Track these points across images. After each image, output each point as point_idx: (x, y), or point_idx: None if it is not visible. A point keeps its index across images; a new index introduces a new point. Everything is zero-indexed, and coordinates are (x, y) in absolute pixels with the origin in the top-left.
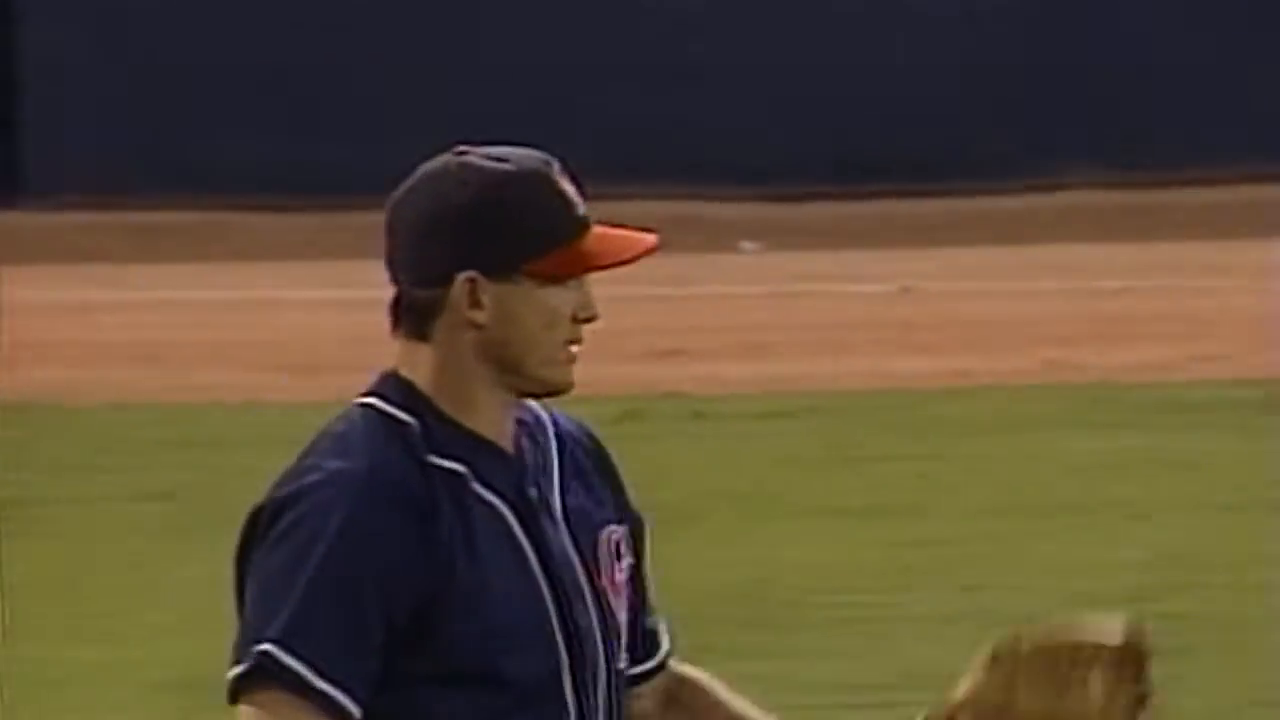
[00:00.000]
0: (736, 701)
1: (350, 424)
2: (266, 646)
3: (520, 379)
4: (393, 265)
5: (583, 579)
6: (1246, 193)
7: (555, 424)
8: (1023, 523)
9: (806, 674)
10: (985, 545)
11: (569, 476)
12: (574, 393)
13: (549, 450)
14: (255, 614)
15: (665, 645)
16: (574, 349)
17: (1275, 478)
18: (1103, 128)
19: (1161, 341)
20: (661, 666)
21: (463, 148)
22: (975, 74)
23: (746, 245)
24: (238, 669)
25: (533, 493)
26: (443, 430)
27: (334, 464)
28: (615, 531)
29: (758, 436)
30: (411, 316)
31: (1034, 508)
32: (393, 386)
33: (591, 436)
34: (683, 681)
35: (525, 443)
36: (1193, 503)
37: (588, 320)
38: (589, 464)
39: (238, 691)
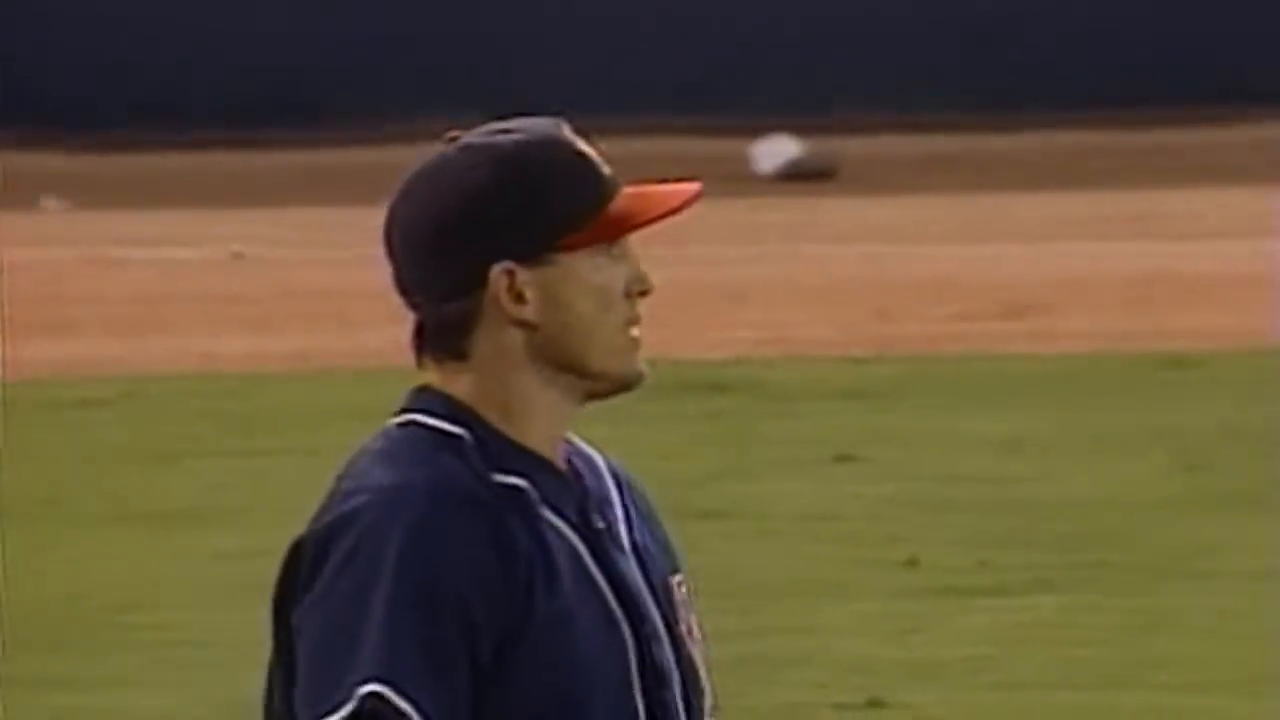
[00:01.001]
0: None
1: (391, 441)
2: (374, 688)
3: (585, 377)
4: (407, 287)
5: (659, 622)
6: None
7: (608, 463)
8: None
9: (122, 707)
10: None
11: (632, 515)
12: None
13: (605, 482)
14: (332, 654)
15: None
16: (635, 331)
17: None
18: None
19: None
20: None
21: (454, 133)
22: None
23: (49, 202)
24: (337, 714)
25: (598, 522)
26: (498, 444)
27: (382, 480)
28: (679, 581)
29: (60, 429)
30: (443, 337)
31: None
32: (431, 400)
33: (639, 483)
34: None
35: (580, 467)
36: None
37: (643, 293)
38: (645, 507)
39: None
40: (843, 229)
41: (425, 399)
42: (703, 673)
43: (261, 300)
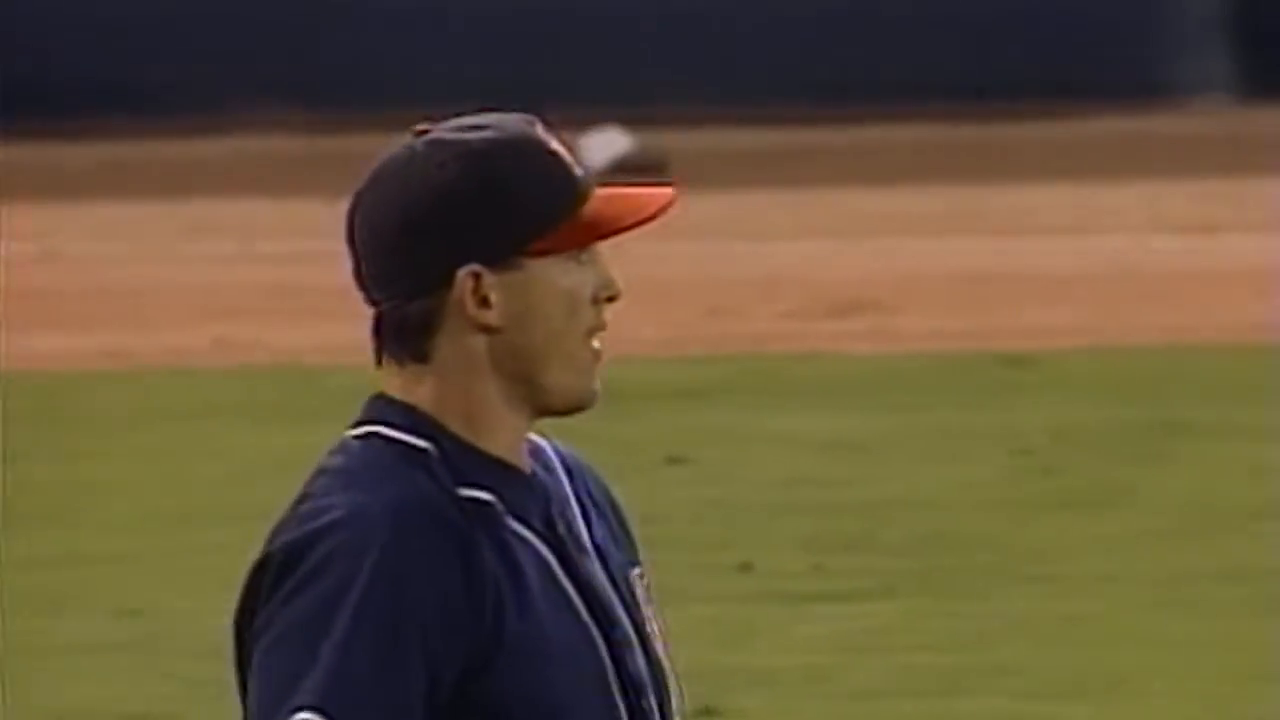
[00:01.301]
0: None
1: (352, 456)
2: (306, 716)
3: (538, 391)
4: (368, 282)
5: (628, 625)
6: None
7: (556, 451)
8: (194, 533)
9: None
10: (146, 561)
11: (588, 509)
12: None
13: (560, 478)
14: (279, 676)
15: None
16: (596, 343)
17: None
18: (280, 61)
19: (349, 318)
20: None
21: (422, 126)
22: None
23: None
24: None
25: (560, 525)
26: (463, 455)
27: (351, 498)
28: (640, 574)
29: None
30: (403, 337)
31: (206, 514)
32: (392, 411)
33: (591, 467)
34: None
35: (536, 466)
36: None
37: (610, 299)
38: (600, 498)
39: None
40: (673, 225)
41: (386, 409)
42: (670, 674)
43: (72, 297)
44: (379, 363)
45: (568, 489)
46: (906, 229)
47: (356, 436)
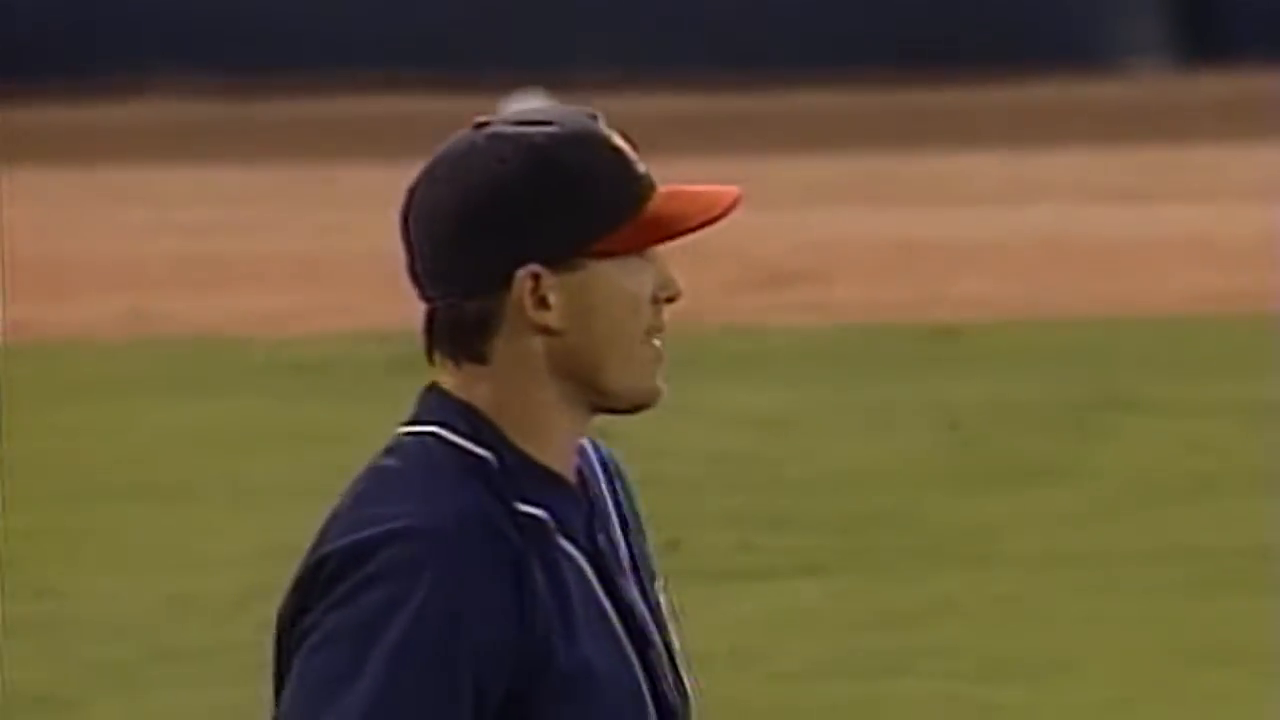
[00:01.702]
0: None
1: (410, 459)
2: None
3: (598, 392)
4: (424, 278)
5: (660, 646)
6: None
7: (598, 452)
8: (109, 509)
9: None
10: (57, 540)
11: (627, 518)
12: None
13: (602, 486)
14: (320, 681)
15: None
16: (657, 341)
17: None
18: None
19: (269, 288)
20: None
21: (482, 118)
22: None
23: None
24: None
25: (601, 539)
26: (520, 468)
27: (412, 507)
28: (663, 585)
29: None
30: (459, 337)
31: (119, 490)
32: (452, 411)
33: (625, 469)
34: None
35: (585, 470)
36: (314, 484)
37: (670, 299)
38: (635, 504)
39: None
40: None
41: (444, 408)
42: (692, 696)
43: None
44: (431, 360)
45: (609, 500)
46: (837, 198)
47: (413, 434)
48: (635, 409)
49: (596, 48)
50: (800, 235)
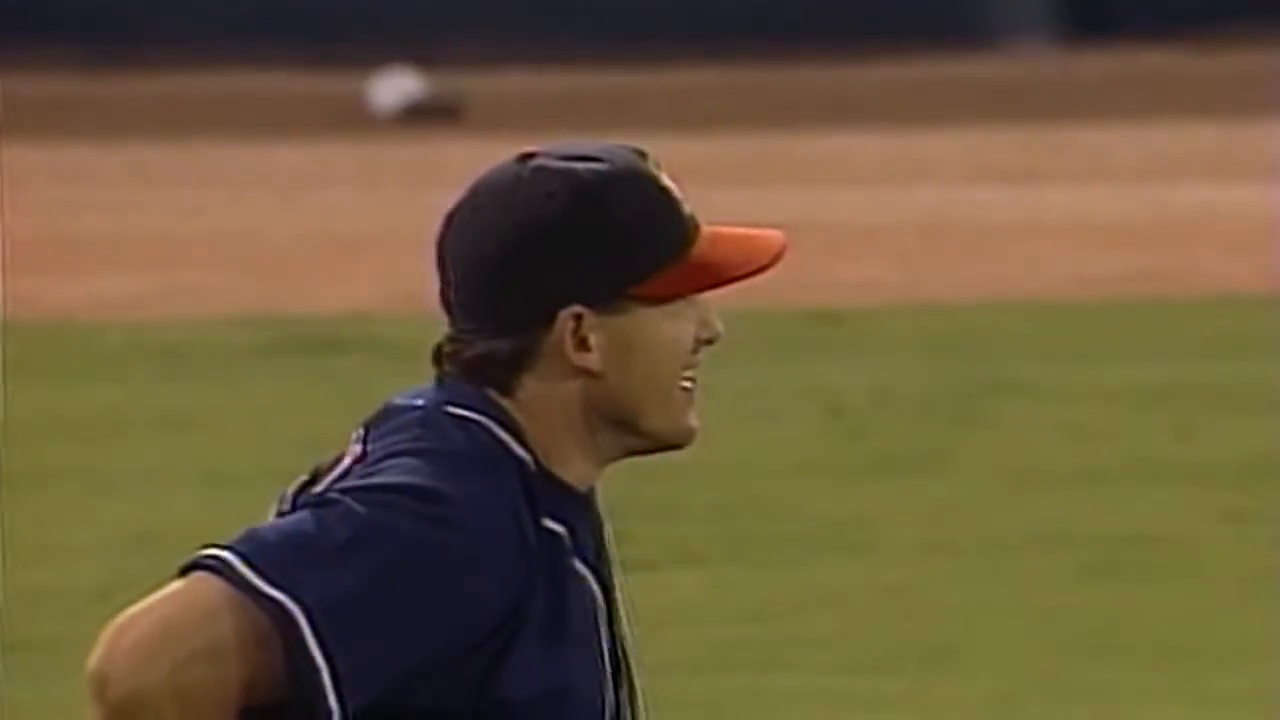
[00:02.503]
0: None
1: (456, 442)
2: (285, 599)
3: (634, 434)
4: (457, 310)
5: (623, 654)
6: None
7: None
8: None
9: None
10: None
11: (609, 532)
12: None
13: (598, 495)
14: (296, 534)
15: None
16: (688, 383)
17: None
18: None
19: (125, 270)
20: None
21: (529, 150)
22: None
23: None
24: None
25: (603, 555)
26: (547, 481)
27: (466, 488)
28: (620, 586)
29: None
30: (490, 372)
31: None
32: (489, 404)
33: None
34: None
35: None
36: (174, 472)
37: (709, 342)
38: (607, 516)
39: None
40: (469, 173)
41: (480, 399)
42: (642, 706)
43: None
44: (440, 382)
45: (601, 508)
46: (714, 178)
47: (454, 418)
48: (667, 449)
49: (466, 24)
50: None
